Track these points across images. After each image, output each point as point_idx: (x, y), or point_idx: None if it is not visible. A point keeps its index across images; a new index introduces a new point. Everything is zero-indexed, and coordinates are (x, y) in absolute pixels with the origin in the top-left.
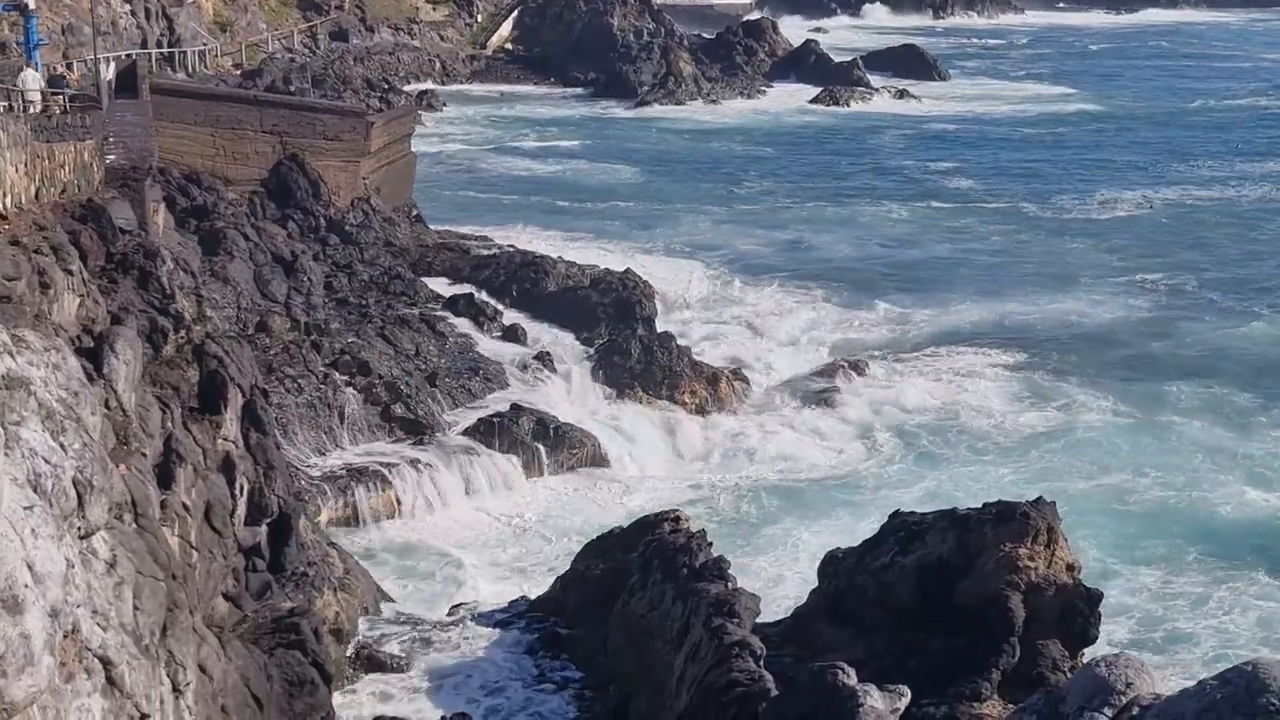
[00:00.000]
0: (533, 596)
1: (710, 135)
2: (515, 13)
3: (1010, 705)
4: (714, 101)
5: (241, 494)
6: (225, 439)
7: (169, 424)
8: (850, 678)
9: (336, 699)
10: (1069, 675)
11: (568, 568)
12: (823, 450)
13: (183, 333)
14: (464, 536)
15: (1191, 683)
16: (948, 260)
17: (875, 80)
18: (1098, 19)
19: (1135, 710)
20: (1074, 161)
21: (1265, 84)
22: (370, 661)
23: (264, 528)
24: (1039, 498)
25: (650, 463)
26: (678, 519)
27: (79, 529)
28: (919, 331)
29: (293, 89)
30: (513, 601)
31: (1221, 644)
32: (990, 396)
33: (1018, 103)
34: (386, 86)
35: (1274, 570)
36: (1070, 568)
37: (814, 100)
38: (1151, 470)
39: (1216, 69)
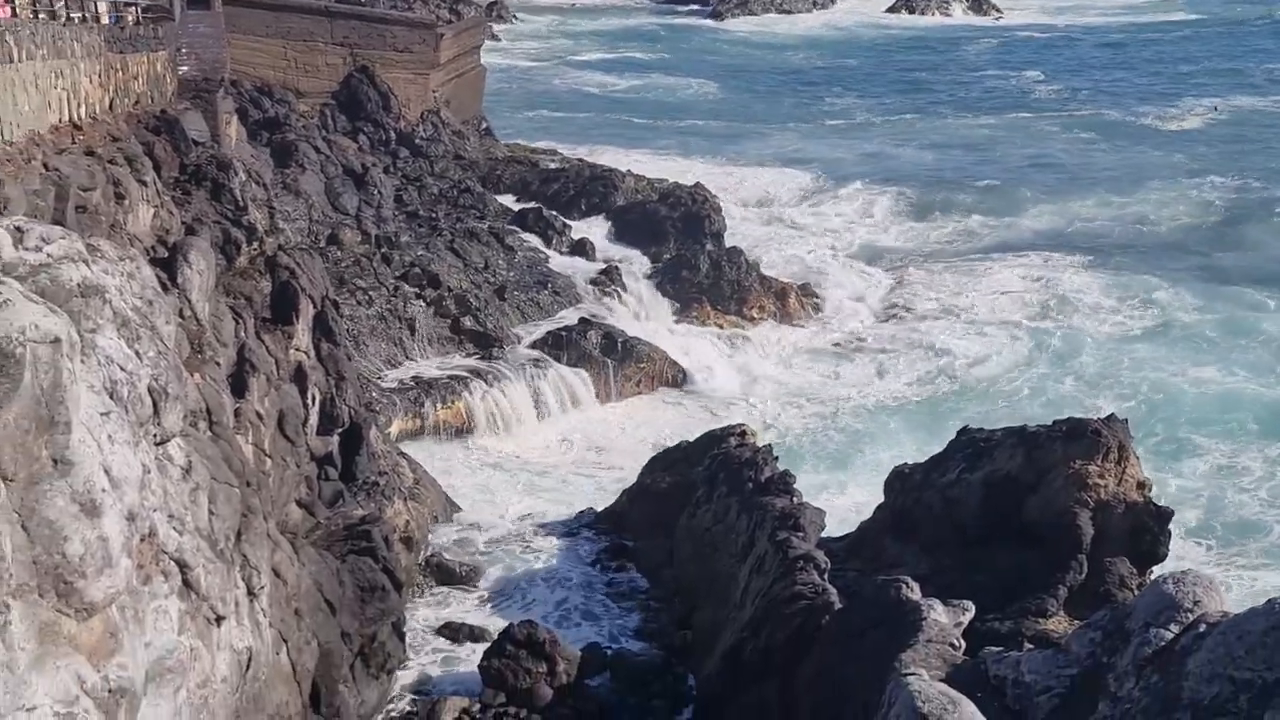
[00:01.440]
0: (599, 509)
1: (788, 48)
2: None
3: (1077, 621)
4: (787, 11)
5: (314, 404)
6: (297, 349)
7: (242, 334)
8: (914, 591)
9: (407, 605)
10: (1137, 593)
11: (634, 480)
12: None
13: (255, 244)
14: (533, 447)
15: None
16: (1028, 167)
17: None
18: None
19: (1202, 627)
20: (1153, 69)
21: None
22: (440, 569)
23: (336, 437)
24: (1111, 415)
25: (718, 377)
26: (744, 433)
27: (155, 435)
28: (993, 237)
29: (363, 0)
30: (580, 513)
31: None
32: (1078, 293)
33: (1097, 11)
34: None
35: None
36: (1141, 485)
37: (890, 9)
38: (1223, 362)
39: None
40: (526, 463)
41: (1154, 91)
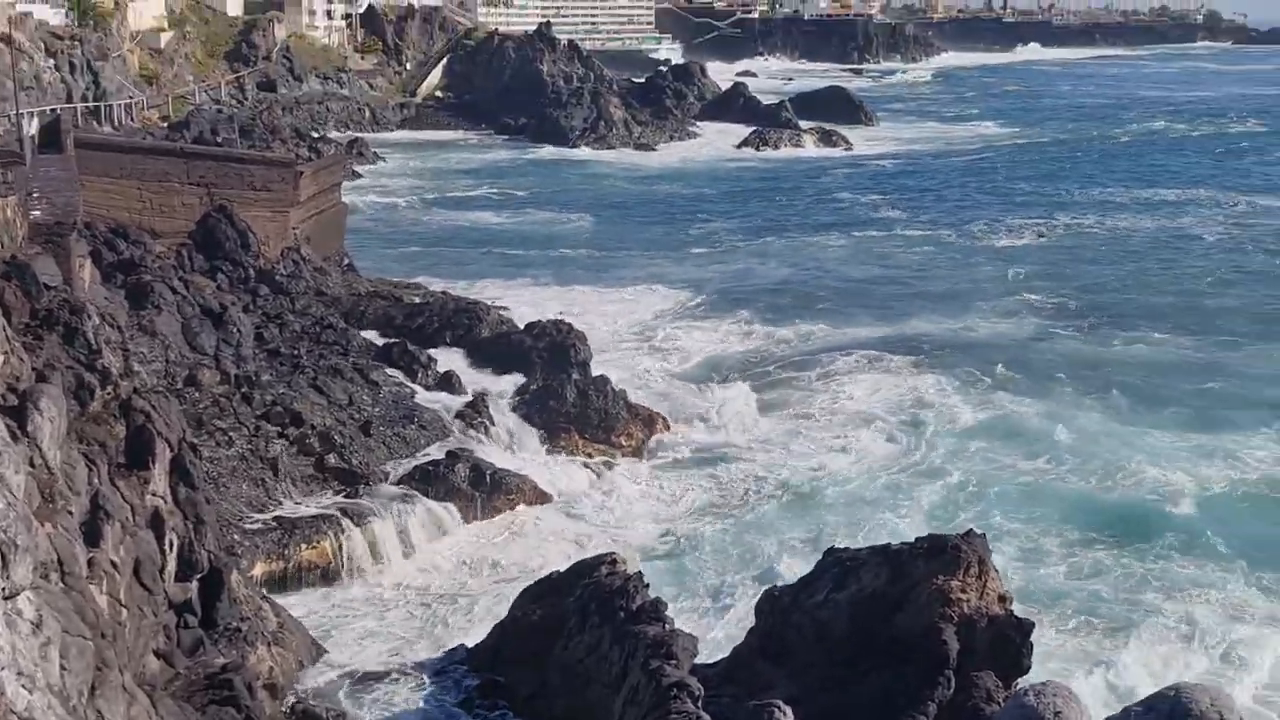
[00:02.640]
0: (470, 644)
1: (653, 179)
2: (445, 60)
3: None
4: (645, 145)
5: (171, 550)
6: (154, 494)
7: (96, 481)
8: (786, 716)
9: None
10: (1003, 705)
11: (505, 614)
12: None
13: (109, 388)
14: (400, 585)
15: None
16: (871, 282)
17: (803, 123)
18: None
19: None
20: (990, 192)
21: (1152, 111)
22: (306, 716)
23: (195, 583)
24: (969, 530)
25: (586, 504)
26: (614, 561)
27: (3, 589)
28: (838, 344)
29: (220, 140)
30: (450, 650)
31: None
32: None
33: (941, 140)
34: (316, 136)
35: (1132, 538)
36: (1002, 599)
37: (742, 144)
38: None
39: (1113, 100)
40: (395, 600)
41: (988, 212)
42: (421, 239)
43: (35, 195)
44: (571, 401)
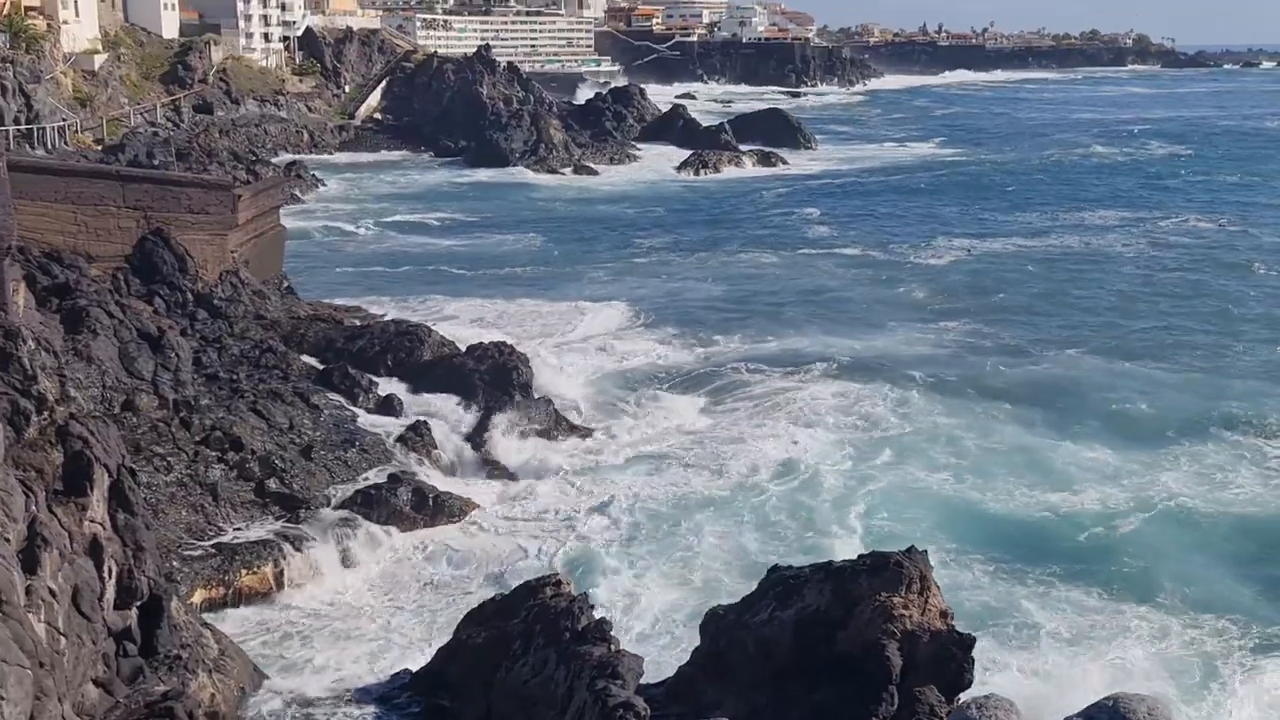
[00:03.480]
0: (415, 668)
1: (597, 201)
2: (384, 83)
3: None
4: (586, 167)
5: (110, 577)
6: (92, 521)
7: (33, 508)
8: None
9: None
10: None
11: (449, 637)
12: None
13: (45, 414)
14: (343, 610)
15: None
16: (798, 298)
17: (743, 146)
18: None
19: None
20: (920, 212)
21: (1081, 133)
22: None
23: (134, 611)
24: (911, 547)
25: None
26: (559, 583)
27: None
28: (758, 358)
29: (156, 163)
30: (395, 675)
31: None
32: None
33: (875, 160)
34: (254, 158)
35: (1027, 552)
36: (944, 614)
37: (682, 166)
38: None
39: (1045, 122)
40: (337, 625)
41: (916, 231)
42: (364, 261)
43: None
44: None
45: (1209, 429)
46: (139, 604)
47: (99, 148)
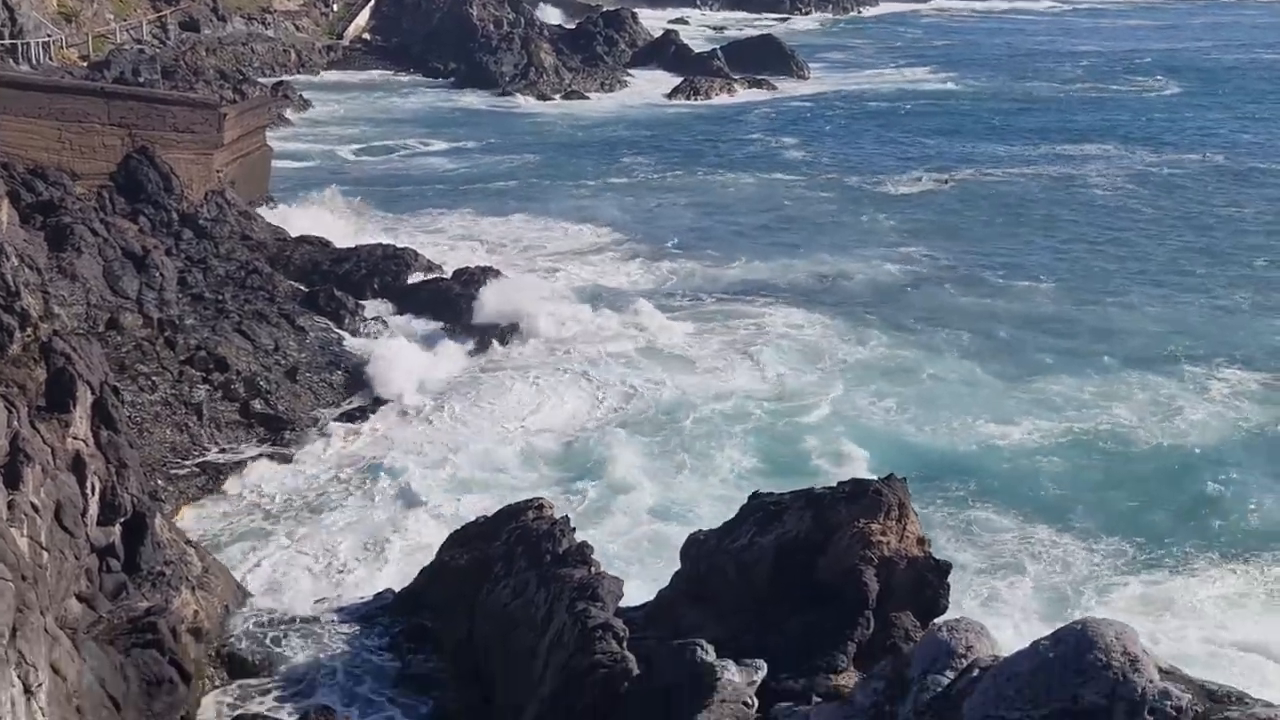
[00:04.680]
0: (397, 589)
1: (580, 125)
2: (373, 2)
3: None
4: (576, 92)
5: (93, 493)
6: (75, 438)
7: (15, 423)
8: (709, 654)
9: (198, 698)
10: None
11: (432, 558)
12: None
13: (29, 330)
14: (327, 528)
15: (1025, 642)
16: (764, 224)
17: (735, 73)
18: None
19: (975, 672)
20: (902, 140)
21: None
22: (232, 660)
23: (118, 527)
24: (890, 475)
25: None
26: (541, 506)
27: None
28: (713, 283)
29: (142, 80)
30: (378, 594)
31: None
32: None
33: (866, 88)
34: (240, 78)
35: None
36: (921, 541)
37: (673, 92)
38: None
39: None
40: (320, 545)
41: (894, 159)
42: (351, 180)
43: None
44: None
45: (1164, 365)
46: (122, 521)
47: (84, 64)
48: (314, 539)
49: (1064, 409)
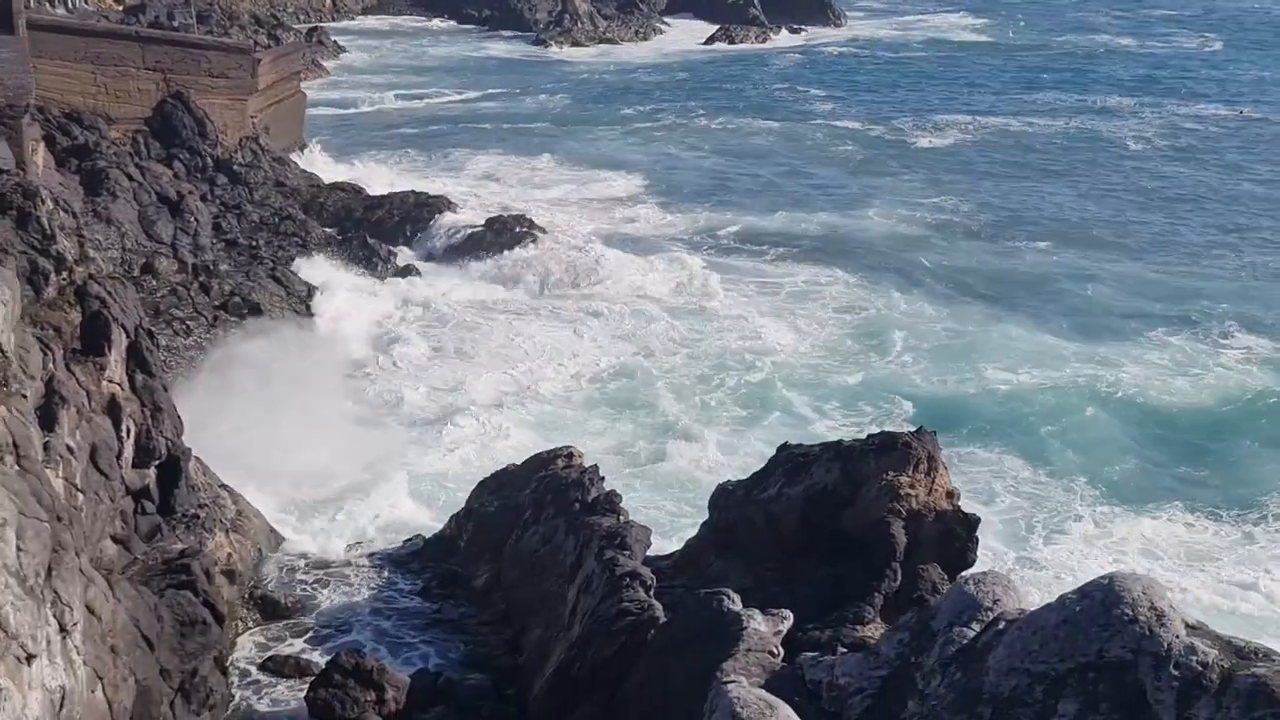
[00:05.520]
0: (428, 535)
1: (613, 71)
2: None
3: None
4: (609, 39)
5: (128, 436)
6: (110, 381)
7: (50, 365)
8: (735, 603)
9: (231, 639)
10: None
11: (462, 505)
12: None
13: (64, 274)
14: (359, 479)
15: (1053, 596)
16: (788, 173)
17: (771, 20)
18: None
19: (1001, 625)
20: (933, 90)
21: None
22: (264, 602)
23: (152, 470)
24: (920, 428)
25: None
26: (570, 455)
27: None
28: (725, 232)
29: (177, 25)
30: (408, 540)
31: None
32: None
33: (901, 38)
34: (275, 23)
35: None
36: (950, 495)
37: (709, 40)
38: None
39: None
40: (352, 490)
41: (923, 110)
42: (384, 125)
43: None
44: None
45: (1182, 326)
46: (157, 464)
47: (119, 8)
48: None
49: (1070, 362)
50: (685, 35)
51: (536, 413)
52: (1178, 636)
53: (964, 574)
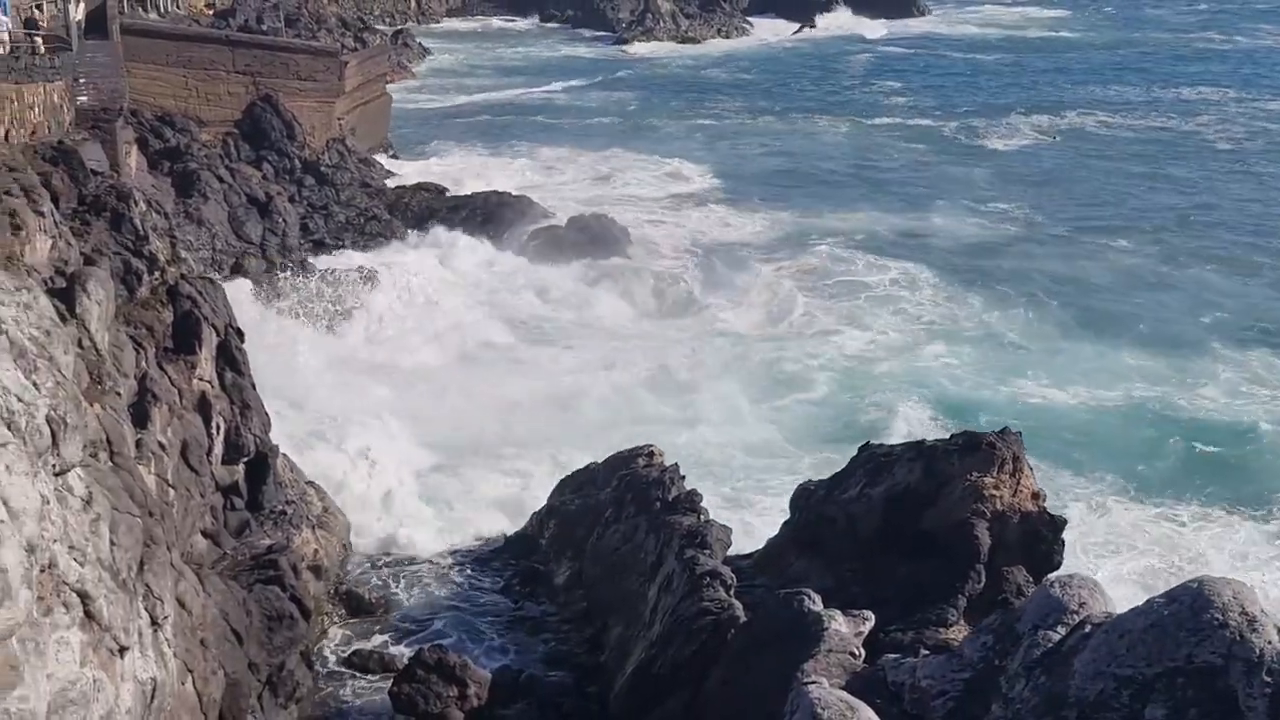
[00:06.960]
0: (510, 534)
1: (692, 68)
2: None
3: None
4: (691, 38)
5: (218, 433)
6: (201, 379)
7: (143, 364)
8: (816, 603)
9: (317, 634)
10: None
11: (544, 504)
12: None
13: (157, 274)
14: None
15: (1141, 600)
16: (858, 172)
17: (854, 15)
18: None
19: (1087, 628)
20: (1013, 87)
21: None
22: (350, 598)
23: (242, 467)
24: (1005, 428)
25: None
26: (651, 454)
27: (54, 466)
28: (787, 231)
29: (265, 29)
30: (490, 539)
31: None
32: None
33: (981, 31)
34: (361, 26)
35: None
36: (1035, 496)
37: (797, 30)
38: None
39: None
40: (438, 490)
41: (996, 108)
42: (469, 127)
43: (81, 81)
44: None
45: (1256, 345)
46: (246, 460)
47: (210, 12)
48: None
49: (1128, 378)
50: (768, 33)
51: None
52: (1270, 643)
53: (1049, 576)
